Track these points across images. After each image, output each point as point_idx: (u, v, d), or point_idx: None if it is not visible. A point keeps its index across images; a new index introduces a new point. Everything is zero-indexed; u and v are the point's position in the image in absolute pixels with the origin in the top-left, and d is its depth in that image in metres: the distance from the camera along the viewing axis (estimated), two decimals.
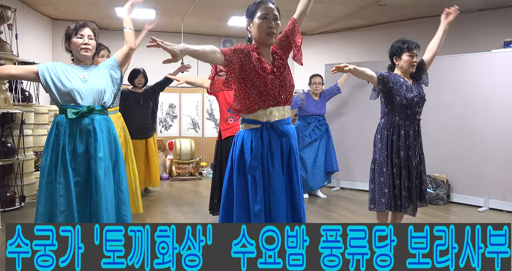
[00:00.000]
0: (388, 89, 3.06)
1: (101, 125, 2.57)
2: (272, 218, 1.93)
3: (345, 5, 5.81)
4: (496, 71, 4.65)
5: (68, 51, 2.66)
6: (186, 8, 6.02)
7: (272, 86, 1.94)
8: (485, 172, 4.71)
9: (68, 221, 2.46)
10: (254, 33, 1.98)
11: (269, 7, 1.97)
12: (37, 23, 6.21)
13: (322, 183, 5.20)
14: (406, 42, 3.11)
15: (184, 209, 4.54)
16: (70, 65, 2.61)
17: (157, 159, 5.15)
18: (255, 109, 1.95)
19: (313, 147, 5.13)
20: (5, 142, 4.31)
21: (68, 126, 2.50)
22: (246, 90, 1.95)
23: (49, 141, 2.54)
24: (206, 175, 7.11)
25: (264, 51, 2.03)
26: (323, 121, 5.20)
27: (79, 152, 2.51)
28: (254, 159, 1.90)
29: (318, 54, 7.65)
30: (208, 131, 7.54)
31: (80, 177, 2.52)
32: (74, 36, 2.55)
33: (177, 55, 1.64)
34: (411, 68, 3.09)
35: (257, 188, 1.90)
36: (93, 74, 2.60)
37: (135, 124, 4.68)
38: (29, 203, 4.70)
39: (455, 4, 3.30)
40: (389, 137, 3.09)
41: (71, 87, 2.49)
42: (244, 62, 1.91)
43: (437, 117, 5.02)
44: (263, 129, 1.94)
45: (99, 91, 2.56)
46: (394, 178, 3.08)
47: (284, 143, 1.99)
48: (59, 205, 2.45)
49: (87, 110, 2.51)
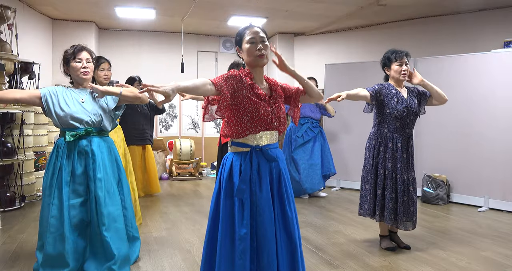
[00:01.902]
0: (380, 102, 3.12)
1: (100, 147, 2.61)
2: (259, 242, 1.91)
3: (345, 5, 5.81)
4: (496, 72, 4.65)
5: (67, 75, 2.70)
6: (186, 8, 6.02)
7: (264, 112, 1.95)
8: (485, 172, 4.71)
9: (57, 242, 2.46)
10: (246, 57, 2.01)
11: (254, 30, 2.00)
12: (37, 23, 6.21)
13: (318, 187, 5.18)
14: (394, 52, 3.14)
15: (184, 209, 4.54)
16: (70, 90, 2.64)
17: (154, 165, 5.15)
18: (246, 134, 1.97)
19: (306, 148, 5.12)
20: (5, 142, 4.31)
21: (66, 148, 2.56)
22: (238, 116, 1.96)
23: (50, 163, 2.59)
24: (206, 175, 7.11)
25: (257, 75, 2.04)
26: (316, 124, 5.20)
27: (78, 173, 2.54)
28: (243, 182, 1.91)
29: (318, 54, 7.65)
30: (208, 131, 7.54)
31: (80, 197, 2.55)
32: (73, 60, 2.60)
33: (170, 95, 1.67)
34: (402, 77, 3.12)
35: (244, 211, 1.90)
36: (92, 98, 2.63)
37: (132, 130, 4.70)
38: (29, 203, 4.70)
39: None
40: (376, 147, 3.16)
41: (69, 112, 2.53)
42: (237, 89, 1.94)
43: (437, 117, 5.02)
44: (252, 153, 1.96)
45: (97, 115, 2.59)
46: (377, 188, 3.13)
47: (273, 167, 2.00)
48: (50, 225, 2.47)
49: (84, 133, 2.56)
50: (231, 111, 1.97)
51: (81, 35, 6.67)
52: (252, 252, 1.90)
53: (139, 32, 7.50)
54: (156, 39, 7.60)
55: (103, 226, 2.49)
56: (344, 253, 3.13)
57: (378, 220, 3.14)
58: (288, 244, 1.98)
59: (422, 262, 2.95)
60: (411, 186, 3.12)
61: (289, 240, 1.98)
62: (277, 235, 1.94)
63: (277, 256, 1.93)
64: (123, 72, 6.27)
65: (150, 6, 5.98)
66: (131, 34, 7.46)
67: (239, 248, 1.86)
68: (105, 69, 3.53)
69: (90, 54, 2.65)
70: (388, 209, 3.08)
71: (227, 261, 1.88)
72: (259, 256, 1.91)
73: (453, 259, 3.03)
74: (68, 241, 2.46)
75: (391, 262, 2.95)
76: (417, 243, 3.38)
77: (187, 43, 7.62)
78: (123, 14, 6.33)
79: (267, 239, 1.91)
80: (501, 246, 3.34)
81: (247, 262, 1.87)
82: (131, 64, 7.24)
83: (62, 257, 2.45)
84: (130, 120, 4.65)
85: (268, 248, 1.91)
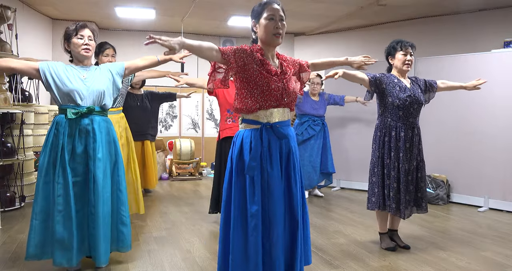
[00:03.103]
0: (381, 91, 3.10)
1: (100, 126, 2.58)
2: (270, 219, 1.93)
3: (345, 5, 5.81)
4: (496, 72, 4.65)
5: (67, 51, 2.67)
6: (186, 8, 6.02)
7: (275, 87, 1.95)
8: (485, 171, 4.71)
9: (66, 220, 2.47)
10: (261, 34, 1.99)
11: (275, 8, 1.97)
12: (37, 23, 6.21)
13: (315, 183, 5.18)
14: (400, 41, 3.15)
15: (184, 209, 4.54)
16: (70, 66, 2.61)
17: (154, 161, 5.13)
18: (256, 109, 1.96)
19: (306, 146, 5.11)
20: (5, 142, 4.31)
21: (68, 126, 2.51)
22: (248, 90, 1.96)
23: (48, 141, 2.54)
24: (206, 175, 7.11)
25: (269, 52, 2.04)
26: (319, 121, 5.15)
27: (78, 152, 2.52)
28: (253, 159, 1.90)
29: (318, 54, 7.65)
30: (208, 131, 7.54)
31: (78, 177, 2.53)
32: (74, 36, 2.56)
33: (175, 48, 1.72)
34: (405, 67, 3.11)
35: (255, 189, 1.90)
36: (93, 75, 2.61)
37: (132, 125, 4.67)
38: (29, 203, 4.70)
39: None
40: (381, 137, 3.14)
41: (71, 87, 2.49)
42: (247, 62, 1.93)
43: (437, 117, 5.02)
44: (262, 130, 1.95)
45: (99, 92, 2.57)
46: (384, 179, 3.12)
47: (283, 145, 1.99)
48: (57, 204, 2.46)
49: (86, 111, 2.52)
50: (241, 83, 1.97)
51: None
52: (264, 228, 1.91)
53: (139, 32, 7.50)
54: None
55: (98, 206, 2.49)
56: (344, 253, 3.13)
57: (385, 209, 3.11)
58: (290, 221, 1.99)
59: (422, 262, 2.95)
60: (410, 175, 3.09)
61: (292, 217, 2.00)
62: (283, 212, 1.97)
63: None
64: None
65: (150, 6, 5.98)
66: (131, 34, 7.46)
67: (251, 224, 1.88)
68: (109, 55, 3.51)
69: (92, 33, 2.62)
70: (390, 198, 3.07)
71: (241, 237, 1.90)
72: (270, 233, 1.92)
73: (453, 259, 3.03)
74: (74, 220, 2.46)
75: (391, 262, 2.95)
76: (417, 243, 3.38)
77: None
78: (123, 14, 6.33)
79: (277, 217, 1.93)
80: (501, 246, 3.34)
81: (259, 237, 1.89)
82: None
83: (71, 237, 2.46)
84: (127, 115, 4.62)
85: (277, 226, 1.93)
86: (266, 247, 1.92)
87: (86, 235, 2.56)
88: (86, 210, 2.55)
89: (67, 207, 2.47)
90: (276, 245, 1.92)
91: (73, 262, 2.50)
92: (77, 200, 2.52)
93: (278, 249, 1.93)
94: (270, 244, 1.92)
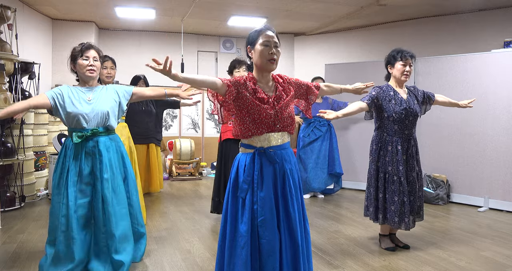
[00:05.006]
0: (378, 107, 3.13)
1: (106, 146, 2.64)
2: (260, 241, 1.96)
3: (345, 5, 5.81)
4: (496, 71, 4.65)
5: (74, 72, 2.71)
6: (186, 8, 6.02)
7: (266, 115, 2.00)
8: (485, 172, 4.71)
9: (67, 240, 2.52)
10: (256, 59, 2.05)
11: (270, 35, 2.05)
12: (37, 23, 6.21)
13: (324, 185, 5.18)
14: (400, 51, 3.13)
15: (184, 209, 4.54)
16: (75, 88, 2.64)
17: (159, 164, 5.13)
18: (250, 135, 2.02)
19: (313, 147, 5.11)
20: (5, 142, 4.31)
21: (74, 149, 2.59)
22: (241, 117, 2.03)
23: (58, 162, 2.63)
24: (206, 175, 7.11)
25: (263, 78, 2.09)
26: (324, 122, 5.15)
27: (85, 173, 2.58)
28: (244, 182, 1.99)
29: (318, 54, 7.65)
30: (208, 131, 7.54)
31: (87, 197, 2.58)
32: (80, 58, 2.61)
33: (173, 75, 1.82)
34: (404, 77, 3.12)
35: (244, 210, 1.97)
36: (99, 96, 2.64)
37: (136, 129, 4.66)
38: (29, 203, 4.70)
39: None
40: (377, 151, 3.16)
41: (76, 112, 2.54)
42: (240, 91, 2.00)
43: (437, 117, 5.03)
44: (255, 155, 2.01)
45: (103, 114, 2.61)
46: (378, 192, 3.14)
47: (277, 169, 2.03)
48: (61, 225, 2.53)
49: (91, 133, 2.58)
50: (235, 110, 2.04)
51: (81, 35, 6.67)
52: (253, 249, 1.95)
53: (139, 32, 7.50)
54: (156, 39, 7.60)
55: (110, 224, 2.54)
56: (344, 253, 3.13)
57: (382, 222, 3.14)
58: (291, 245, 2.01)
59: (422, 262, 2.95)
60: (410, 186, 3.11)
61: (292, 241, 2.01)
62: (282, 236, 1.99)
63: (281, 257, 1.96)
64: (123, 73, 6.28)
65: (150, 6, 5.98)
66: (131, 34, 7.46)
67: (240, 243, 1.95)
68: (108, 68, 3.51)
69: (97, 53, 2.66)
70: (391, 211, 3.08)
71: (233, 254, 1.98)
72: (261, 254, 1.97)
73: (453, 259, 3.03)
74: (75, 240, 2.50)
75: (391, 262, 2.95)
76: (417, 243, 3.38)
77: (187, 43, 7.62)
78: (123, 14, 6.33)
79: (268, 239, 1.96)
80: (501, 246, 3.34)
81: (248, 257, 1.93)
82: (131, 64, 7.23)
83: (71, 253, 2.51)
84: (133, 119, 4.61)
85: (269, 247, 1.96)
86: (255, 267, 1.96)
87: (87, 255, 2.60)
88: (95, 230, 2.59)
89: (68, 228, 2.52)
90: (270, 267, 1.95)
91: None
92: (86, 220, 2.57)
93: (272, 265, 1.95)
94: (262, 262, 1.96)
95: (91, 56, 2.61)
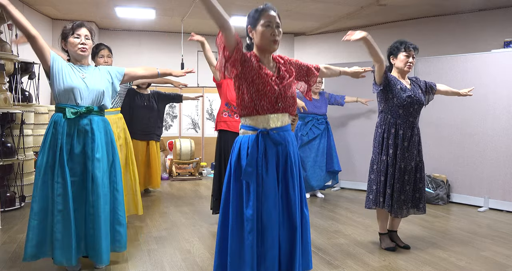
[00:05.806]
0: (387, 84, 3.09)
1: (99, 126, 2.59)
2: (264, 224, 1.95)
3: (345, 5, 5.81)
4: (496, 71, 4.65)
5: (64, 51, 2.67)
6: (186, 8, 6.02)
7: (270, 89, 1.96)
8: (485, 172, 4.71)
9: (65, 220, 2.47)
10: (257, 40, 2.00)
11: (272, 15, 1.99)
12: (37, 23, 6.21)
13: (323, 183, 5.18)
14: (404, 42, 3.14)
15: (184, 209, 4.54)
16: (69, 63, 2.61)
17: (158, 161, 5.13)
18: (251, 109, 1.98)
19: (312, 146, 5.10)
20: (5, 142, 4.31)
21: (66, 126, 2.51)
22: (246, 88, 1.98)
23: (46, 140, 2.53)
24: (206, 175, 7.11)
25: (265, 58, 2.05)
26: (322, 120, 5.15)
27: (76, 152, 2.52)
28: (249, 165, 1.93)
29: (318, 54, 7.65)
30: (208, 131, 7.53)
31: (76, 177, 2.53)
32: (71, 36, 2.57)
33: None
34: (407, 68, 3.11)
35: (250, 194, 1.93)
36: (92, 75, 2.61)
37: (137, 125, 4.63)
38: (29, 203, 4.69)
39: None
40: (381, 134, 3.14)
41: (72, 85, 2.49)
42: (247, 60, 1.96)
43: (437, 117, 5.02)
44: (259, 137, 1.96)
45: (99, 92, 2.57)
46: (380, 175, 3.11)
47: (280, 150, 2.00)
48: (57, 204, 2.46)
49: (85, 110, 2.52)
50: (239, 81, 1.99)
51: None
52: (257, 233, 1.94)
53: (139, 32, 7.50)
54: (156, 39, 7.60)
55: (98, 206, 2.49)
56: (344, 253, 3.13)
57: (382, 206, 3.11)
58: (288, 226, 2.00)
59: (422, 262, 2.95)
60: (407, 175, 3.08)
61: (290, 222, 2.00)
62: (280, 217, 1.98)
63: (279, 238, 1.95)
64: None
65: (150, 6, 5.98)
66: (131, 34, 7.46)
67: (247, 228, 1.91)
68: (104, 56, 3.50)
69: (89, 32, 2.62)
70: (387, 195, 3.07)
71: (238, 240, 1.94)
72: (263, 238, 1.95)
73: (453, 259, 3.03)
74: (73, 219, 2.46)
75: (391, 262, 2.95)
76: (417, 243, 3.38)
77: (187, 43, 7.63)
78: (123, 14, 6.33)
79: (272, 222, 1.95)
80: (501, 246, 3.34)
81: (255, 241, 1.92)
82: (131, 64, 7.22)
83: (70, 236, 2.46)
84: (134, 114, 4.59)
85: (272, 230, 1.95)
86: (260, 252, 1.94)
87: (83, 235, 2.56)
88: (84, 210, 2.55)
89: (66, 207, 2.47)
90: (271, 249, 1.94)
91: (72, 261, 2.50)
92: (75, 200, 2.52)
93: (273, 253, 1.94)
94: (265, 249, 1.94)
95: (83, 34, 2.57)
